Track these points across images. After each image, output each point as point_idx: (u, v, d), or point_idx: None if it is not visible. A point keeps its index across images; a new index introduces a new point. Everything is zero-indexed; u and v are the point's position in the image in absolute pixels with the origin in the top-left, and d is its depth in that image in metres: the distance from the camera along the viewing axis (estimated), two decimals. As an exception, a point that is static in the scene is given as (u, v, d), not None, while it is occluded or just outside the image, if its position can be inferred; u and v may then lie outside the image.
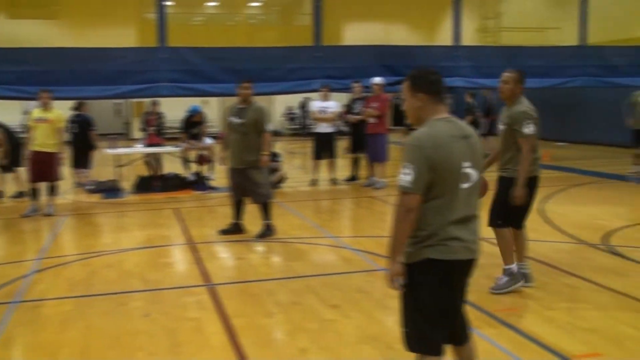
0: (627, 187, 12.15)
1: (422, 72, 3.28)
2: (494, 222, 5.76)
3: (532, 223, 8.69)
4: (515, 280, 5.75)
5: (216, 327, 5.06)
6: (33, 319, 5.34)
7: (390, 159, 12.42)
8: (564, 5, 16.85)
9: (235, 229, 8.35)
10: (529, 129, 5.52)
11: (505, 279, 5.76)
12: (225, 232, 8.35)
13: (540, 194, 10.79)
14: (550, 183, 12.11)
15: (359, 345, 4.63)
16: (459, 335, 3.46)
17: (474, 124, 15.77)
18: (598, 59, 14.82)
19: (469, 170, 3.20)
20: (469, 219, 3.24)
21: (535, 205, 9.89)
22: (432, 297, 3.23)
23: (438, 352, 3.30)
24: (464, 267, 3.28)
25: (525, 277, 5.87)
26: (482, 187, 5.77)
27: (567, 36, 16.24)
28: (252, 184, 8.05)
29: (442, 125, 3.19)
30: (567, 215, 9.19)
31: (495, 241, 5.87)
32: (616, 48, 15.29)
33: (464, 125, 3.28)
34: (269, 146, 8.16)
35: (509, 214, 5.72)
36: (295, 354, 4.52)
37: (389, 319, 5.21)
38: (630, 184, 12.38)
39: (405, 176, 3.09)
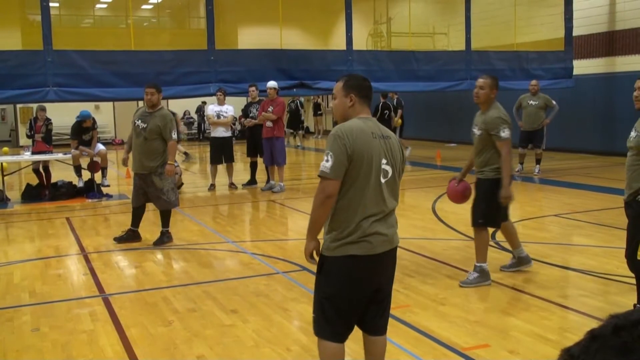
0: (513, 185, 12.76)
1: (355, 76, 3.67)
2: (475, 222, 6.06)
3: (426, 222, 9.03)
4: (484, 278, 6.02)
5: (111, 338, 4.92)
6: None
7: (287, 163, 12.47)
8: (451, 12, 17.54)
9: (131, 236, 8.16)
10: (505, 133, 5.81)
11: (475, 274, 6.03)
12: (120, 239, 8.13)
13: (432, 193, 11.27)
14: (441, 183, 12.56)
15: (258, 349, 4.64)
16: (370, 325, 3.60)
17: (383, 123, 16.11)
18: (482, 63, 15.52)
19: (386, 167, 3.44)
20: (388, 213, 3.47)
21: (428, 204, 10.28)
22: (346, 289, 3.42)
23: (338, 340, 3.48)
24: (385, 258, 3.48)
25: (525, 260, 6.32)
26: (465, 190, 6.10)
27: (454, 41, 16.92)
28: (155, 190, 7.90)
29: (364, 122, 3.47)
30: (458, 213, 9.54)
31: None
32: (499, 53, 16.08)
33: (384, 128, 3.56)
34: (173, 155, 7.99)
35: (495, 212, 6.01)
36: (194, 361, 4.48)
37: (288, 322, 5.26)
38: (516, 182, 13.02)
39: (326, 163, 3.32)
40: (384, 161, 3.43)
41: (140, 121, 7.88)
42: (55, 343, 4.86)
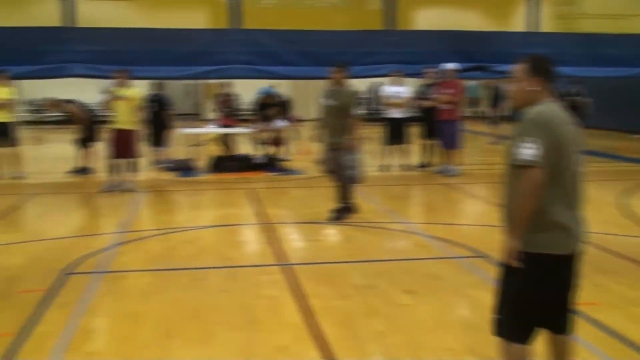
0: None
1: (542, 58, 3.35)
2: None
3: (614, 217, 8.46)
4: None
5: (292, 306, 5.12)
6: (117, 290, 5.55)
7: (463, 147, 12.21)
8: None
9: (345, 211, 8.21)
10: None
11: None
12: (336, 212, 8.21)
13: (618, 187, 10.55)
14: (628, 176, 11.75)
15: (436, 331, 4.61)
16: (557, 324, 3.44)
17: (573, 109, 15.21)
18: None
19: (579, 156, 3.24)
20: (579, 208, 3.27)
21: (616, 199, 9.62)
22: (539, 290, 3.26)
23: (527, 341, 3.33)
24: (575, 259, 3.31)
25: None
26: None
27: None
28: (339, 165, 8.04)
29: (557, 107, 3.25)
30: (648, 209, 8.89)
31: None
32: None
33: (567, 113, 3.32)
34: (357, 130, 8.06)
35: None
36: (373, 336, 4.53)
37: (466, 306, 5.18)
38: None
39: (530, 150, 3.09)
40: (577, 149, 3.22)
41: (328, 99, 8.10)
42: (241, 305, 5.14)
